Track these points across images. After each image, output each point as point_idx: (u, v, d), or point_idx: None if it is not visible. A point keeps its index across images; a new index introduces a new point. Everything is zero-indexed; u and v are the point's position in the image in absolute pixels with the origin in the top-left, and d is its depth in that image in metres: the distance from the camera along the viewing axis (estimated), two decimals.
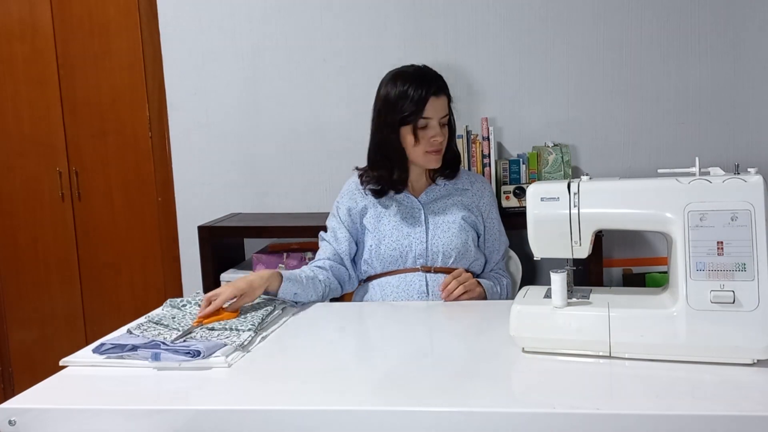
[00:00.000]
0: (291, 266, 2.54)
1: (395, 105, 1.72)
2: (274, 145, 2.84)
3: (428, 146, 1.73)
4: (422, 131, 1.72)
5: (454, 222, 1.78)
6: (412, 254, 1.75)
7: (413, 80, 1.72)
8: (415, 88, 1.70)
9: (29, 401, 1.10)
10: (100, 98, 2.95)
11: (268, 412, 1.04)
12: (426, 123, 1.71)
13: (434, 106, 1.71)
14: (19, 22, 2.96)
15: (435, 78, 1.75)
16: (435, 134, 1.72)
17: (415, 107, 1.70)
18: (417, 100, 1.69)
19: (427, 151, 1.74)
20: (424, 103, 1.70)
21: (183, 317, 1.45)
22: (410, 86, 1.71)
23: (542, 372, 1.15)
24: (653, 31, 2.65)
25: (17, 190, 3.06)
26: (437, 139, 1.73)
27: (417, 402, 1.05)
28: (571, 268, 1.25)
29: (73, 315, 3.09)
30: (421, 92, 1.70)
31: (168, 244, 2.97)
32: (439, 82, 1.75)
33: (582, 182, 1.22)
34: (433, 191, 1.84)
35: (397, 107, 1.72)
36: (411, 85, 1.71)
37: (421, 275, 1.74)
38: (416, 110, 1.70)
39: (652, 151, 2.70)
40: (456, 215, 1.79)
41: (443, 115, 1.74)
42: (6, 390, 3.14)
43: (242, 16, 2.80)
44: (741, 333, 1.08)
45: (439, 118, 1.73)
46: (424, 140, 1.72)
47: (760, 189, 1.10)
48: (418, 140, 1.72)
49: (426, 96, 1.70)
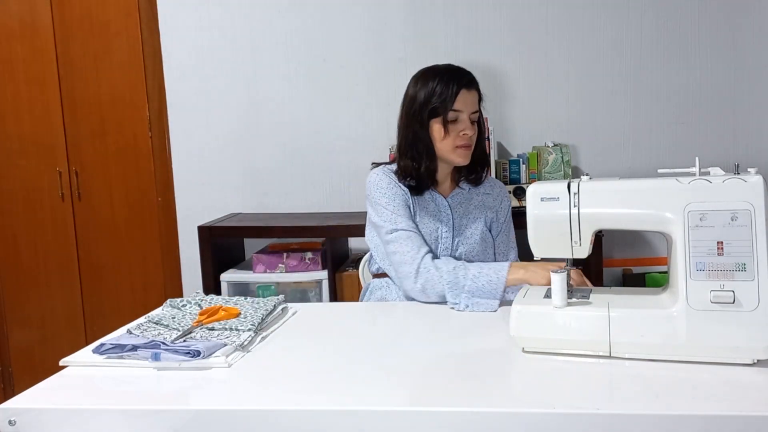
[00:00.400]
0: (291, 266, 2.55)
1: (426, 98, 1.69)
2: (274, 145, 2.84)
3: (458, 140, 1.68)
4: (452, 124, 1.68)
5: (476, 228, 1.76)
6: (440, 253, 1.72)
7: (445, 73, 1.70)
8: (447, 80, 1.68)
9: (29, 401, 1.09)
10: (100, 98, 2.95)
11: (268, 412, 1.04)
12: (456, 116, 1.67)
13: (465, 99, 1.68)
14: (19, 22, 2.96)
15: (467, 73, 1.72)
16: (465, 128, 1.68)
17: (446, 98, 1.66)
18: (448, 91, 1.67)
19: (457, 145, 1.69)
20: (456, 94, 1.66)
21: (183, 317, 1.45)
22: (442, 78, 1.69)
23: (542, 372, 1.14)
24: (653, 31, 2.65)
25: (17, 190, 3.06)
26: (467, 132, 1.68)
27: (417, 402, 1.05)
28: (571, 268, 1.25)
29: (73, 315, 3.09)
30: (452, 83, 1.67)
31: (168, 244, 2.97)
32: (470, 77, 1.72)
33: (582, 182, 1.22)
34: (458, 194, 1.80)
35: (427, 100, 1.69)
36: (443, 78, 1.69)
37: None
38: (447, 101, 1.66)
39: (652, 151, 2.70)
40: (479, 221, 1.77)
41: (474, 110, 1.70)
42: (6, 390, 3.14)
43: (242, 16, 2.80)
44: (741, 333, 1.08)
45: (470, 112, 1.69)
46: (454, 133, 1.68)
47: (760, 189, 1.10)
48: (448, 133, 1.68)
49: (458, 88, 1.67)
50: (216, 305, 1.50)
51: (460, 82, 1.67)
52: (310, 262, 2.56)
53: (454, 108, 1.67)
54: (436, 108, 1.67)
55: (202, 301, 1.55)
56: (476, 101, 1.72)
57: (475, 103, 1.71)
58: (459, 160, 1.71)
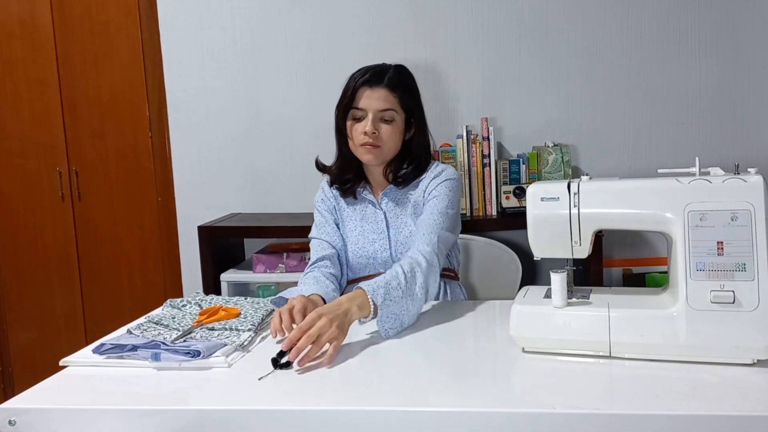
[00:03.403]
0: (291, 266, 2.55)
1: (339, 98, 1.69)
2: (274, 145, 2.84)
3: (360, 138, 1.65)
4: (357, 123, 1.65)
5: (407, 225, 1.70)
6: (376, 262, 1.71)
7: (355, 73, 1.68)
8: (352, 79, 1.66)
9: (29, 401, 1.09)
10: (100, 98, 2.95)
11: (268, 412, 1.04)
12: (361, 114, 1.65)
13: (369, 96, 1.64)
14: (19, 22, 2.96)
15: (379, 71, 1.67)
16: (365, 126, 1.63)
17: (347, 97, 1.65)
18: (350, 89, 1.65)
19: (360, 143, 1.65)
20: (354, 92, 1.64)
21: (183, 317, 1.45)
22: (349, 78, 1.67)
23: (542, 372, 1.14)
24: (653, 31, 2.65)
25: (17, 190, 3.06)
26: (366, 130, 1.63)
27: (417, 402, 1.04)
28: (571, 268, 1.25)
29: (73, 315, 3.09)
30: (354, 82, 1.65)
31: (168, 244, 2.97)
32: (380, 74, 1.65)
33: (582, 182, 1.22)
34: (391, 192, 1.74)
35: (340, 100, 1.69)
36: (350, 77, 1.67)
37: None
38: (348, 100, 1.65)
39: (652, 151, 2.70)
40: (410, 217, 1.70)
41: (381, 108, 1.63)
42: (6, 390, 3.14)
43: (242, 16, 2.80)
44: (741, 333, 1.08)
45: (375, 110, 1.63)
46: (356, 133, 1.65)
47: (760, 189, 1.10)
48: (351, 132, 1.67)
49: (357, 86, 1.64)
50: (216, 305, 1.50)
51: (361, 81, 1.64)
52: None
53: (356, 106, 1.65)
54: (344, 106, 1.67)
55: (202, 301, 1.56)
56: (388, 99, 1.64)
57: (383, 101, 1.64)
58: (363, 159, 1.69)
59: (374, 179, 1.77)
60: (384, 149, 1.67)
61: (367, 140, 1.64)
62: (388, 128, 1.65)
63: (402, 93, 1.67)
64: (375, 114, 1.64)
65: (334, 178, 1.78)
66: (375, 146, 1.65)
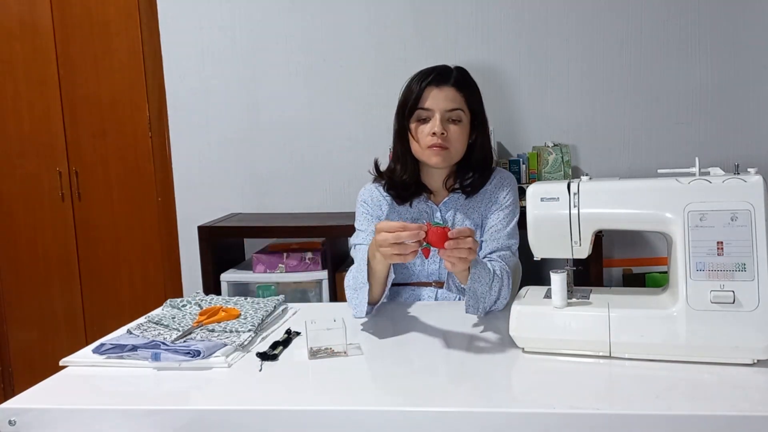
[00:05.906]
0: (291, 266, 2.55)
1: (403, 99, 1.64)
2: (274, 145, 2.84)
3: (428, 140, 1.59)
4: (423, 124, 1.60)
5: None
6: (425, 271, 1.67)
7: (420, 73, 1.64)
8: (418, 79, 1.62)
9: (29, 401, 1.09)
10: (100, 98, 2.95)
11: (268, 412, 1.04)
12: (427, 115, 1.60)
13: (436, 96, 1.59)
14: (19, 22, 2.96)
15: (443, 71, 1.63)
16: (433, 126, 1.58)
17: (415, 97, 1.60)
18: (417, 89, 1.60)
19: (428, 145, 1.59)
20: (422, 92, 1.60)
21: (183, 317, 1.45)
22: (414, 78, 1.63)
23: (542, 372, 1.14)
24: (653, 31, 2.65)
25: (17, 190, 3.06)
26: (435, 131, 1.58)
27: (417, 402, 1.04)
28: (571, 268, 1.25)
29: (73, 315, 3.09)
30: (422, 81, 1.60)
31: (168, 244, 2.97)
32: (445, 74, 1.61)
33: (582, 182, 1.22)
34: (454, 201, 1.68)
35: (404, 101, 1.63)
36: (416, 77, 1.63)
37: (433, 290, 1.67)
38: (414, 100, 1.60)
39: (652, 151, 2.70)
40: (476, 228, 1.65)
41: (449, 108, 1.59)
42: (6, 390, 3.14)
43: (242, 16, 2.80)
44: (741, 333, 1.08)
45: (443, 110, 1.58)
46: (423, 133, 1.60)
47: (760, 189, 1.10)
48: (417, 134, 1.61)
49: (425, 85, 1.60)
50: (216, 305, 1.50)
51: (428, 80, 1.60)
52: (310, 262, 2.56)
53: (423, 107, 1.60)
54: (409, 108, 1.61)
55: (202, 301, 1.56)
56: (455, 99, 1.61)
57: (450, 101, 1.60)
58: (431, 161, 1.62)
59: (433, 186, 1.70)
60: (452, 151, 1.61)
61: (435, 141, 1.58)
62: (456, 129, 1.61)
63: (469, 93, 1.63)
64: (443, 114, 1.59)
65: (395, 184, 1.68)
66: (443, 148, 1.59)
